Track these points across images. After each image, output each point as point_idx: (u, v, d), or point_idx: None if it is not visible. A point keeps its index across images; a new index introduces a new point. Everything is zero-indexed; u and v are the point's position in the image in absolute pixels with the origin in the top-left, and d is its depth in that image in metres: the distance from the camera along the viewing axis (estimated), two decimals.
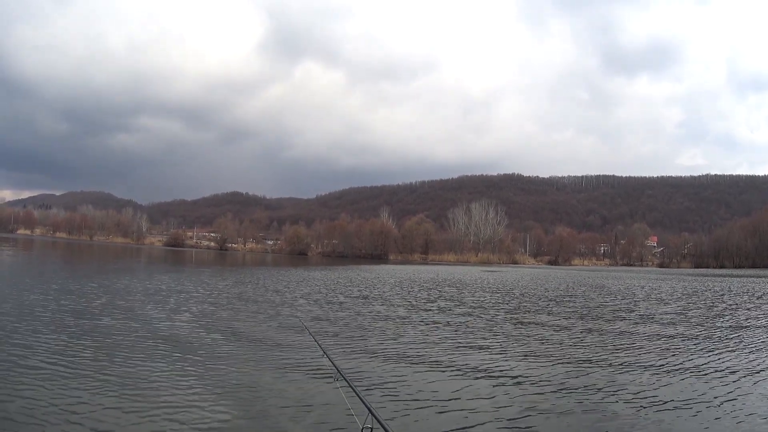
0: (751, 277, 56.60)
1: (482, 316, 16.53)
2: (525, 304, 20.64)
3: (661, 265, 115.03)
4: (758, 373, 9.24)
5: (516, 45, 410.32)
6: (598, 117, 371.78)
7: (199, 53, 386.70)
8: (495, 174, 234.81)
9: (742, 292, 30.16)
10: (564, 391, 7.77)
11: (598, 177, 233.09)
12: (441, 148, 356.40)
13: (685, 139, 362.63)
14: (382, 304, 18.89)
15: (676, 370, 9.34)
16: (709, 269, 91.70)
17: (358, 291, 24.31)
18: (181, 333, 11.47)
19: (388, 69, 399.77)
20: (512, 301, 21.74)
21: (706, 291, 31.11)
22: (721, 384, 8.39)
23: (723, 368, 9.53)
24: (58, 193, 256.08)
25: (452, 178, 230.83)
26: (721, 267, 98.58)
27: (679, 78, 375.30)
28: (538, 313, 17.76)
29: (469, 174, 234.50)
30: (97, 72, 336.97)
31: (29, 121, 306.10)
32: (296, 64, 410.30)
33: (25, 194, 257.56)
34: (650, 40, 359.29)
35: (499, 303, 20.84)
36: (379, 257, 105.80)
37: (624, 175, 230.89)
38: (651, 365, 9.65)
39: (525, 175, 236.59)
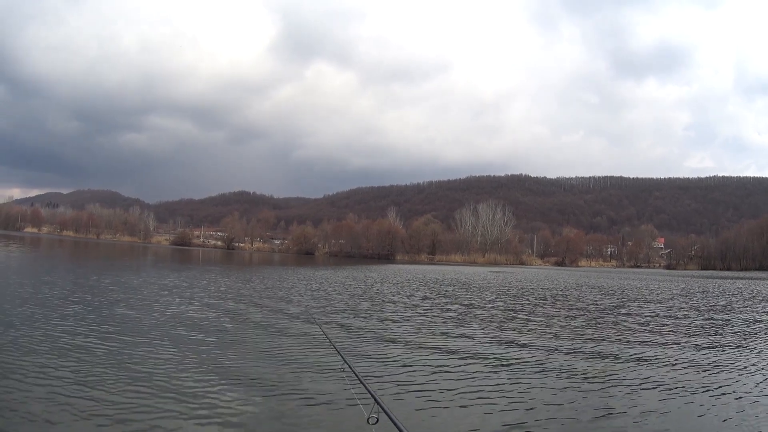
0: (753, 279, 56.67)
1: (484, 312, 17.26)
2: (524, 302, 21.28)
3: (667, 267, 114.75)
4: (727, 366, 10.04)
5: (527, 48, 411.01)
6: (607, 120, 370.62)
7: (211, 54, 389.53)
8: (503, 175, 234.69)
9: (736, 294, 30.64)
10: (554, 377, 8.62)
11: (605, 178, 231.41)
12: (450, 149, 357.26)
13: (694, 142, 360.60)
14: (386, 302, 19.72)
15: (645, 360, 10.14)
16: (716, 271, 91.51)
17: (362, 290, 25.17)
18: (190, 324, 12.30)
19: (400, 71, 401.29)
20: (510, 300, 22.42)
21: (701, 292, 31.57)
22: (695, 374, 9.23)
23: (691, 360, 10.34)
24: (65, 192, 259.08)
25: (460, 179, 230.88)
26: (728, 269, 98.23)
27: (687, 81, 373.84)
28: (533, 311, 18.42)
29: (477, 175, 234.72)
30: (110, 72, 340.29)
31: (40, 120, 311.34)
32: (308, 65, 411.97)
33: (34, 192, 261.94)
34: (659, 44, 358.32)
35: (499, 301, 21.63)
36: (386, 257, 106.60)
37: (632, 177, 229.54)
38: (621, 355, 10.48)
39: (533, 175, 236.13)
